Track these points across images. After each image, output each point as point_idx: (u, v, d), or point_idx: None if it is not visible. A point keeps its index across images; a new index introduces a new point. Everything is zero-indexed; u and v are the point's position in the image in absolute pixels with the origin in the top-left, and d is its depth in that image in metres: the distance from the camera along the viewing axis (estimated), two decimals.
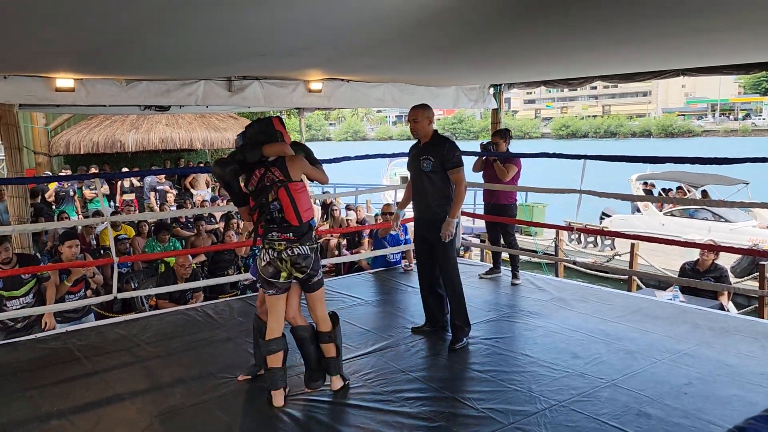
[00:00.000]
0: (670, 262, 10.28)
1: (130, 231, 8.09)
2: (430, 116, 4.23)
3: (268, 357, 3.34)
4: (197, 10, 2.96)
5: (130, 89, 5.38)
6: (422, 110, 4.21)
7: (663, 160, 5.71)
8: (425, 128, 4.21)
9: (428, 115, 4.22)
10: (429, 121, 4.22)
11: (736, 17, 3.33)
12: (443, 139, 4.22)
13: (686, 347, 4.08)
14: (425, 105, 4.27)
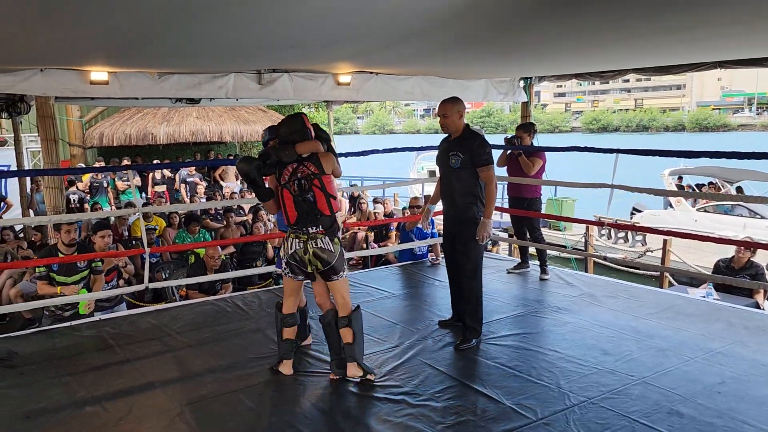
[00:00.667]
0: (704, 258, 10.07)
1: (161, 222, 8.23)
2: (461, 110, 4.12)
3: (284, 329, 3.65)
4: (229, 3, 2.98)
5: (162, 82, 5.47)
6: (452, 104, 4.11)
7: (697, 155, 5.54)
8: (455, 123, 4.11)
9: (458, 109, 4.11)
10: (459, 115, 4.11)
11: None
12: (474, 135, 4.11)
13: (720, 346, 3.99)
14: (455, 98, 4.17)
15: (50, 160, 5.54)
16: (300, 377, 3.63)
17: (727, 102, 77.13)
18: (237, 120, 14.35)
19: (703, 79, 77.13)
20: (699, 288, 6.67)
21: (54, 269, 4.86)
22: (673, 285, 9.14)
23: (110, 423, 3.11)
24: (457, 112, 4.10)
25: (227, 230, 8.09)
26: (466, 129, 4.13)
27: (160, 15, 3.22)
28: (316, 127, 3.62)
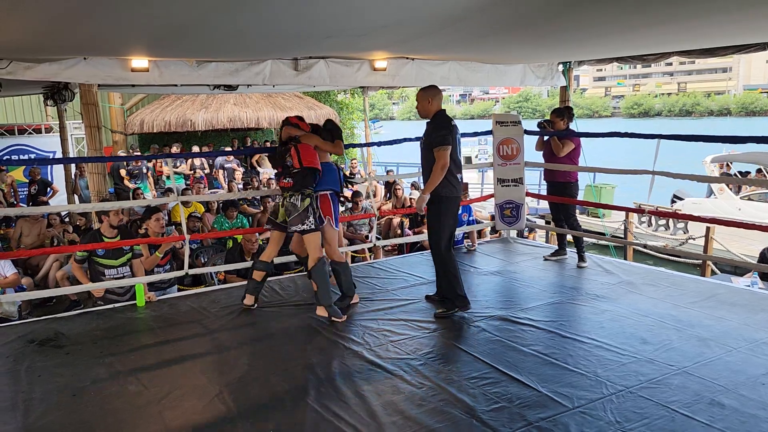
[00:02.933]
0: (748, 247, 9.78)
1: (200, 208, 8.38)
2: (430, 97, 4.40)
3: (255, 271, 4.67)
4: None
5: (201, 69, 5.54)
6: (422, 92, 4.44)
7: (743, 140, 5.36)
8: (425, 108, 4.43)
9: (427, 96, 4.41)
10: (428, 101, 4.41)
11: None
12: (435, 119, 4.39)
13: (764, 336, 3.88)
14: (428, 86, 4.46)
15: (94, 146, 5.69)
16: (337, 361, 3.67)
17: None
18: (274, 106, 14.47)
19: (750, 62, 74.40)
20: (743, 277, 6.50)
21: (100, 253, 5.01)
22: (716, 274, 8.91)
23: (152, 401, 3.21)
24: (426, 98, 4.41)
25: (264, 215, 8.19)
26: (435, 114, 4.40)
27: (199, 7, 3.26)
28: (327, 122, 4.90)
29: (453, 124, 4.40)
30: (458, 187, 4.42)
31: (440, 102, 4.45)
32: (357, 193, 8.46)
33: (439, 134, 4.28)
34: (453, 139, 4.32)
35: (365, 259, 7.37)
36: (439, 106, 4.43)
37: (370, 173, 10.62)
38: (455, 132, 4.39)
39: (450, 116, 4.46)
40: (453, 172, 4.35)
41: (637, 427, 2.83)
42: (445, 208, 4.38)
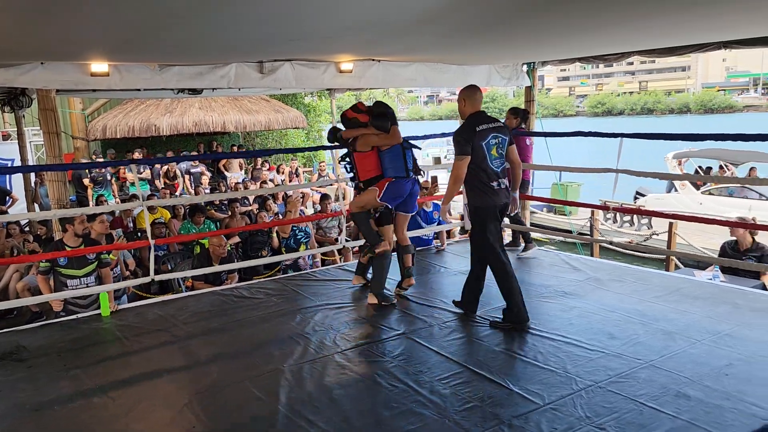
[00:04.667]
0: (710, 241, 10.02)
1: (166, 214, 8.24)
2: (465, 97, 4.23)
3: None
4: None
5: (163, 73, 5.44)
6: (460, 92, 4.29)
7: (702, 138, 5.50)
8: (460, 109, 4.27)
9: (463, 96, 4.24)
10: (463, 102, 4.24)
11: None
12: (462, 123, 4.21)
13: (727, 328, 3.98)
14: (467, 86, 4.29)
15: (53, 153, 5.53)
16: (308, 366, 3.63)
17: (733, 83, 76.48)
18: (240, 110, 14.30)
19: (708, 61, 76.46)
20: (705, 270, 6.64)
21: (62, 263, 4.87)
22: (680, 268, 9.10)
23: (119, 414, 3.14)
24: (461, 99, 4.24)
25: (232, 220, 8.10)
26: (466, 118, 4.20)
27: (160, 10, 3.20)
28: (376, 104, 4.77)
29: (481, 129, 4.08)
30: (493, 196, 4.14)
31: (476, 103, 4.20)
32: (325, 195, 8.43)
33: (457, 143, 4.09)
34: (479, 147, 4.06)
35: (335, 262, 7.34)
36: (474, 108, 4.19)
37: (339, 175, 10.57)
38: (485, 138, 4.08)
39: (489, 118, 4.20)
40: (483, 182, 4.12)
41: (607, 421, 2.87)
42: (483, 219, 4.17)
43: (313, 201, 10.58)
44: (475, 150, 4.06)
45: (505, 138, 4.23)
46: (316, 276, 5.75)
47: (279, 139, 17.30)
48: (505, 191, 4.24)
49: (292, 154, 15.31)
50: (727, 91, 72.47)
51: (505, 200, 4.25)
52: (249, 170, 13.65)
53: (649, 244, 11.24)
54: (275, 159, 16.08)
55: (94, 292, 4.89)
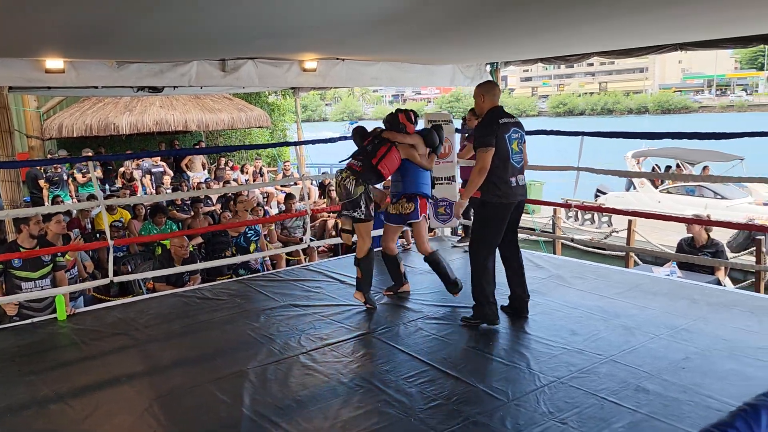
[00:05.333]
0: (667, 238, 10.29)
1: (126, 215, 8.05)
2: (483, 93, 4.13)
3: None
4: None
5: (122, 70, 5.31)
6: (476, 88, 4.19)
7: (659, 136, 5.66)
8: (478, 105, 4.18)
9: (481, 92, 4.14)
10: (481, 98, 4.12)
11: None
12: (483, 118, 4.09)
13: (684, 323, 4.09)
14: (484, 82, 4.23)
15: (5, 152, 5.36)
16: (272, 367, 3.59)
17: (688, 84, 78.78)
18: (202, 109, 14.07)
19: (664, 62, 78.57)
20: (663, 267, 6.83)
21: (16, 265, 4.71)
22: (639, 264, 9.32)
23: (76, 420, 3.05)
24: (479, 95, 4.14)
25: (195, 221, 7.95)
26: (486, 113, 4.09)
27: (117, 4, 3.12)
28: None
29: (504, 122, 3.99)
30: (508, 192, 4.01)
31: (495, 98, 4.11)
32: (290, 195, 8.36)
33: (481, 135, 3.97)
34: (503, 139, 3.95)
35: (300, 262, 7.29)
36: (493, 103, 4.09)
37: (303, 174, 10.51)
38: (507, 131, 3.99)
39: (508, 114, 4.11)
40: (501, 176, 3.97)
41: (569, 416, 2.91)
42: (488, 216, 4.07)
43: (278, 201, 10.49)
44: (499, 142, 3.94)
45: (524, 134, 4.14)
46: (280, 276, 5.69)
47: (242, 139, 17.09)
48: (522, 188, 4.13)
49: (256, 153, 15.15)
50: (683, 92, 74.65)
51: (521, 197, 4.15)
52: (212, 170, 13.45)
53: (609, 241, 11.48)
54: (239, 158, 15.89)
55: (50, 294, 4.74)
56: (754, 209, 11.69)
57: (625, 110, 71.02)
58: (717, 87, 76.10)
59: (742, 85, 75.34)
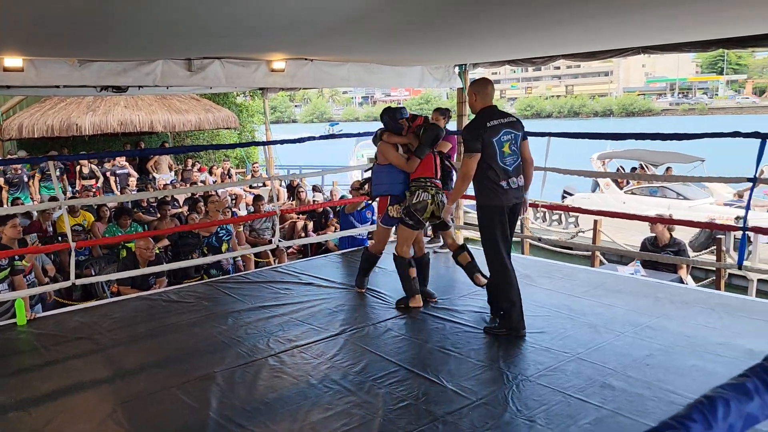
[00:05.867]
0: (632, 237, 10.49)
1: (89, 217, 7.87)
2: (474, 91, 3.98)
3: (410, 270, 4.58)
4: None
5: (84, 69, 5.19)
6: (470, 86, 4.07)
7: (623, 137, 5.78)
8: (471, 104, 4.03)
9: (473, 90, 3.99)
10: (474, 97, 3.98)
11: None
12: (473, 119, 3.97)
13: (647, 320, 4.17)
14: (477, 79, 4.08)
15: None
16: (241, 370, 3.55)
17: (651, 88, 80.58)
18: (168, 109, 13.86)
19: (628, 66, 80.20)
20: (628, 266, 6.95)
21: None
22: (604, 263, 9.49)
23: (36, 428, 2.96)
24: (471, 93, 4.01)
25: (161, 223, 7.81)
26: (477, 113, 3.97)
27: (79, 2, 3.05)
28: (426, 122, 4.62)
29: (492, 125, 3.85)
30: (501, 195, 3.89)
31: (487, 97, 3.96)
32: (258, 196, 8.30)
33: (466, 139, 3.85)
34: (490, 144, 3.82)
35: (269, 263, 7.23)
36: (485, 102, 3.95)
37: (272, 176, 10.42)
38: (497, 134, 3.85)
39: (501, 113, 3.97)
40: (493, 179, 3.86)
41: (537, 414, 2.94)
42: (487, 220, 3.96)
43: (246, 202, 10.38)
44: (486, 146, 3.82)
45: (518, 134, 3.98)
46: (248, 278, 5.63)
47: (210, 140, 16.87)
48: (517, 190, 3.99)
49: (224, 154, 14.97)
50: (646, 95, 76.33)
51: (516, 200, 4.00)
52: (179, 171, 13.25)
53: (576, 241, 11.66)
54: (206, 160, 15.69)
55: (8, 299, 4.61)
56: (715, 209, 12.00)
57: (591, 113, 72.32)
58: (679, 90, 78.06)
59: (703, 89, 77.45)
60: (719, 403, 0.73)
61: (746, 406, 0.76)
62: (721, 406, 0.73)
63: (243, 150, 16.65)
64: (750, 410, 0.76)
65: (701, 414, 0.71)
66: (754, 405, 0.77)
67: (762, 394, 0.78)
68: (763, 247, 9.85)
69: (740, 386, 0.78)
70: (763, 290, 9.23)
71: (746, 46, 5.25)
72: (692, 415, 0.70)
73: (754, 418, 0.77)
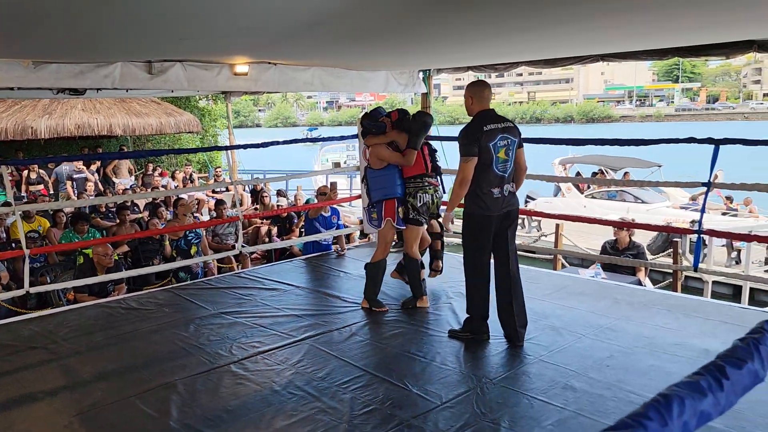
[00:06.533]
0: (592, 241, 10.72)
1: (44, 223, 7.64)
2: (471, 94, 3.86)
3: (422, 271, 4.71)
4: None
5: (39, 71, 5.03)
6: (466, 89, 3.95)
7: (583, 142, 5.90)
8: (467, 107, 3.90)
9: (469, 92, 3.88)
10: (470, 100, 3.87)
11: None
12: (469, 122, 3.84)
13: (608, 322, 4.25)
14: (474, 81, 3.97)
15: None
16: (203, 378, 3.49)
17: (610, 95, 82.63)
18: (128, 112, 13.56)
19: (588, 74, 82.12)
20: (588, 269, 7.09)
21: None
22: (566, 266, 9.66)
23: None
24: (468, 96, 3.90)
25: (120, 228, 7.63)
26: (473, 117, 3.85)
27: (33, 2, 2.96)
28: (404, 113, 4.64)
29: (489, 129, 3.72)
30: (490, 203, 3.76)
31: (484, 101, 3.85)
32: (220, 201, 8.19)
33: (462, 143, 3.72)
34: (486, 148, 3.69)
35: (232, 269, 7.13)
36: (482, 106, 3.83)
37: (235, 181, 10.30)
38: (493, 139, 3.72)
39: (498, 117, 3.84)
40: (483, 186, 3.74)
41: (501, 416, 2.96)
42: (470, 228, 3.89)
43: (209, 207, 10.23)
44: (482, 151, 3.69)
45: (515, 140, 3.85)
46: (211, 284, 5.55)
47: (172, 144, 16.58)
48: (510, 197, 3.86)
49: (186, 159, 14.73)
50: (605, 102, 78.24)
51: (508, 208, 3.86)
52: (139, 177, 12.98)
53: (538, 245, 11.85)
54: (168, 164, 15.42)
55: None
56: (671, 212, 12.36)
57: (553, 119, 73.73)
58: (637, 98, 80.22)
59: (660, 96, 79.77)
60: (674, 402, 0.75)
61: (700, 403, 0.78)
62: (676, 405, 0.75)
63: (206, 154, 16.41)
64: (704, 408, 0.78)
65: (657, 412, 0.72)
66: (707, 402, 0.79)
67: (715, 392, 0.80)
68: (718, 250, 10.19)
69: (694, 384, 0.80)
70: (717, 291, 9.54)
71: (700, 55, 5.42)
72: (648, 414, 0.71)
73: (707, 415, 0.79)
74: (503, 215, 3.85)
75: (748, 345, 0.88)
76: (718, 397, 0.80)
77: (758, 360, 0.87)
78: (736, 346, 0.88)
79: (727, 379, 0.82)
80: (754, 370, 0.85)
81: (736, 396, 0.83)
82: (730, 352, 0.88)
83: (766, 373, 0.88)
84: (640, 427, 0.70)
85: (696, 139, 4.65)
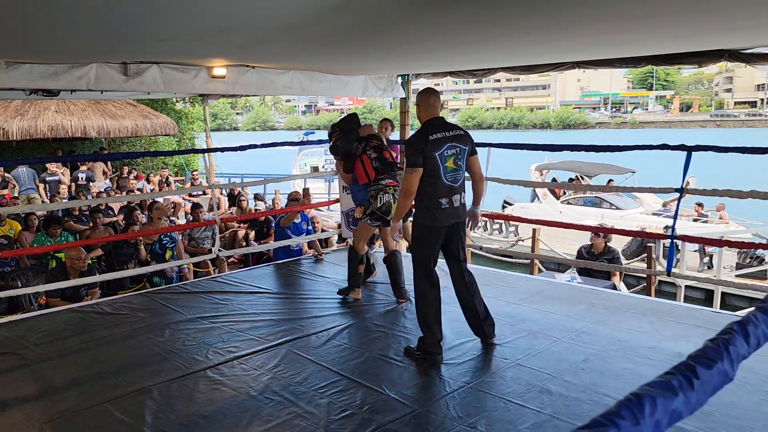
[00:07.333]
0: (568, 246, 10.84)
1: (16, 226, 7.49)
2: (418, 102, 3.76)
3: (360, 265, 4.99)
4: None
5: (11, 71, 4.94)
6: (417, 96, 3.85)
7: (560, 148, 5.99)
8: (417, 115, 3.80)
9: (417, 101, 3.78)
10: (419, 108, 3.78)
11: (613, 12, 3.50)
12: (414, 134, 3.78)
13: (583, 326, 4.30)
14: (423, 89, 3.83)
15: None
16: (178, 383, 3.44)
17: (586, 102, 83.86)
18: (103, 114, 13.39)
19: (564, 81, 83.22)
20: (564, 273, 7.17)
21: None
22: (543, 271, 9.76)
23: None
24: (417, 104, 3.80)
25: (94, 232, 7.52)
26: (421, 125, 3.75)
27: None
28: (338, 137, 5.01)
29: (435, 138, 3.60)
30: (438, 214, 3.67)
31: (431, 108, 3.73)
32: (197, 205, 8.11)
33: (407, 154, 3.64)
34: (432, 158, 3.58)
35: (209, 273, 7.06)
36: (429, 114, 3.72)
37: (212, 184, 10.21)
38: (439, 148, 3.60)
39: (447, 125, 3.73)
40: (431, 197, 3.64)
41: (478, 420, 2.98)
42: (419, 237, 3.79)
43: (185, 211, 10.12)
44: (428, 161, 3.58)
45: (465, 148, 3.74)
46: (187, 288, 5.48)
47: (148, 147, 16.41)
48: (458, 209, 3.76)
49: (162, 162, 14.56)
50: (581, 108, 79.37)
51: (455, 219, 3.76)
52: (114, 179, 12.81)
53: (515, 249, 11.94)
54: (144, 167, 15.23)
55: None
56: (645, 218, 12.56)
57: (530, 125, 74.53)
58: (612, 105, 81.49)
59: (635, 104, 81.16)
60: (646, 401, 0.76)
61: (671, 402, 0.79)
62: (648, 404, 0.76)
63: (182, 158, 16.26)
64: (675, 406, 0.80)
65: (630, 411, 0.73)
66: (678, 401, 0.80)
67: (685, 391, 0.82)
68: (690, 255, 10.37)
69: (666, 384, 0.82)
70: (690, 296, 9.70)
71: (674, 63, 5.53)
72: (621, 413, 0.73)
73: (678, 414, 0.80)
74: (450, 227, 3.78)
75: (718, 345, 0.90)
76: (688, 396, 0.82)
77: (728, 360, 0.88)
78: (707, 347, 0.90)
79: (697, 379, 0.84)
80: (724, 369, 0.87)
81: (706, 395, 0.85)
82: (701, 352, 0.89)
83: (735, 372, 0.90)
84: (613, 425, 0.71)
85: (669, 146, 4.74)
